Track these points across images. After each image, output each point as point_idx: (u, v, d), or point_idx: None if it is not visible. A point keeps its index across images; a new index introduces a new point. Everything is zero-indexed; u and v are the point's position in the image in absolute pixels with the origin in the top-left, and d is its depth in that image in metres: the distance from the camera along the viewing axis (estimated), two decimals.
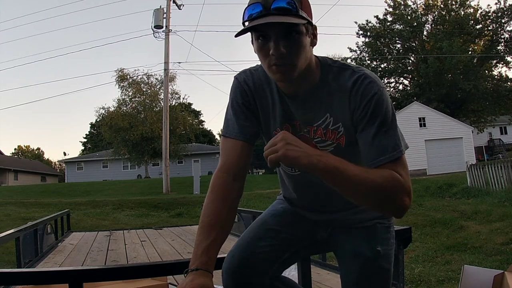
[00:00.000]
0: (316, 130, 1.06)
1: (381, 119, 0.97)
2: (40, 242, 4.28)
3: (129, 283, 2.02)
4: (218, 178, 1.05)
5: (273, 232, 1.19)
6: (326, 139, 1.06)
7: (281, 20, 0.91)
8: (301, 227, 1.23)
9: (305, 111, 1.06)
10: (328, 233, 1.24)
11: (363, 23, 28.73)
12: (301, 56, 0.96)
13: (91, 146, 43.76)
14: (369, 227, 1.17)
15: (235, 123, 1.09)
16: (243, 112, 1.10)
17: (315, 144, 1.07)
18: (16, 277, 1.36)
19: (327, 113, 1.04)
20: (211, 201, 1.03)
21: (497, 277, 1.53)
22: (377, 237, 1.16)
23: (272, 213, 1.27)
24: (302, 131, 1.08)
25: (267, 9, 0.93)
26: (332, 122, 1.04)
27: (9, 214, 10.32)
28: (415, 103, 23.11)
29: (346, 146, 1.06)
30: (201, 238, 0.97)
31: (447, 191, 10.85)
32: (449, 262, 4.96)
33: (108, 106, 26.56)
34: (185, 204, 12.11)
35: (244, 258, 1.13)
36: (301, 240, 1.23)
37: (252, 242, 1.17)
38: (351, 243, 1.17)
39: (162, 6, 17.81)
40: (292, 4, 0.93)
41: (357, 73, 1.01)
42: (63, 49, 74.30)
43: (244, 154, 1.08)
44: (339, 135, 1.05)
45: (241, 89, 1.11)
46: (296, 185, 1.21)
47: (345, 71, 1.03)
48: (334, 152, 1.04)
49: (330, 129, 1.05)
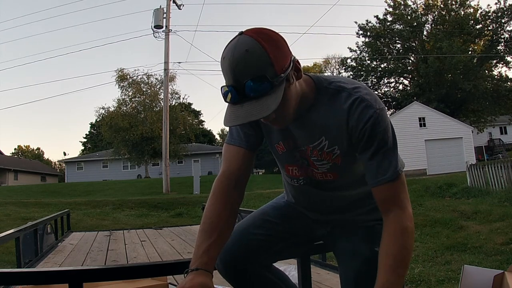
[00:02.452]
0: (312, 151, 1.08)
1: (379, 141, 0.99)
2: (40, 242, 4.28)
3: (129, 283, 2.02)
4: (220, 183, 1.07)
5: (269, 223, 1.24)
6: (323, 159, 1.08)
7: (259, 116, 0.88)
8: (300, 222, 1.26)
9: (301, 133, 1.08)
10: (327, 231, 1.25)
11: (363, 23, 28.77)
12: (291, 106, 0.96)
13: (91, 146, 43.77)
14: (369, 227, 1.17)
15: (240, 131, 1.10)
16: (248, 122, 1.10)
17: (312, 161, 1.10)
18: (16, 277, 1.36)
19: (322, 137, 1.05)
20: (212, 204, 1.05)
21: (497, 277, 1.53)
22: (376, 238, 1.16)
23: (273, 205, 1.31)
24: (301, 147, 1.11)
25: (241, 95, 0.89)
26: (327, 145, 1.06)
27: (9, 214, 10.32)
28: (415, 103, 23.10)
29: (342, 164, 1.08)
30: (201, 239, 0.98)
31: (447, 191, 10.85)
32: (449, 262, 4.96)
33: (108, 106, 26.63)
34: (185, 204, 12.11)
35: (236, 242, 1.16)
36: (297, 234, 1.26)
37: (247, 229, 1.21)
38: (351, 242, 1.18)
39: (162, 6, 17.84)
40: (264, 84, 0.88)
41: (353, 96, 1.00)
42: (63, 49, 74.43)
43: (246, 162, 1.10)
44: (335, 156, 1.07)
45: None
46: (298, 193, 1.24)
47: (341, 94, 1.01)
48: (331, 169, 1.09)
49: (326, 151, 1.07)
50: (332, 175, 1.11)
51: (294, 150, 1.12)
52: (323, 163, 1.09)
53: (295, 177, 1.17)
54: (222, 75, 0.92)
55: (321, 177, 1.13)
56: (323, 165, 1.09)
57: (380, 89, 30.73)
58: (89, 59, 70.44)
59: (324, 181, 1.13)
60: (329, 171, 1.10)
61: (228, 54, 0.89)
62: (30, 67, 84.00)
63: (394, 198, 0.99)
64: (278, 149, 1.14)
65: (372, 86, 30.42)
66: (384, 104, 1.03)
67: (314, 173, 1.13)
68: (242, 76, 0.87)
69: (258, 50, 0.87)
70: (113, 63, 79.93)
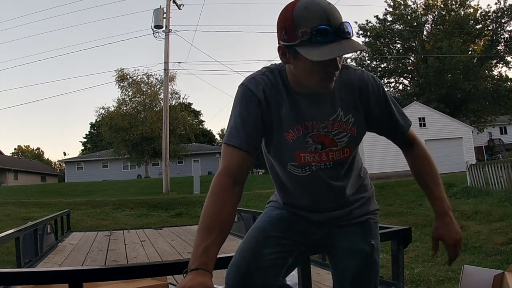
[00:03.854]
0: (333, 124, 1.14)
1: (391, 99, 1.19)
2: (40, 242, 4.28)
3: (129, 283, 2.02)
4: (218, 181, 1.06)
5: (274, 239, 1.19)
6: (342, 130, 1.15)
7: (359, 48, 1.03)
8: (299, 230, 1.24)
9: (320, 108, 1.13)
10: (324, 233, 1.25)
11: (363, 23, 28.74)
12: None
13: (91, 146, 43.79)
14: (363, 222, 1.24)
15: (241, 132, 1.08)
16: (252, 121, 1.09)
17: (332, 137, 1.14)
18: (16, 277, 1.36)
19: (339, 107, 1.14)
20: (211, 203, 1.03)
21: (497, 277, 1.53)
22: (371, 232, 1.25)
23: (268, 220, 1.26)
24: (314, 131, 1.13)
25: (339, 34, 0.99)
26: (343, 115, 1.14)
27: (9, 214, 10.32)
28: (415, 103, 23.09)
29: (357, 134, 1.16)
30: (200, 239, 0.97)
31: (447, 191, 10.81)
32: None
33: (108, 106, 26.66)
34: (185, 204, 12.12)
35: (251, 267, 1.12)
36: (302, 243, 1.24)
37: (256, 251, 1.16)
38: (348, 240, 1.22)
39: (162, 6, 17.85)
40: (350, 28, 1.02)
41: (358, 70, 1.18)
42: (63, 49, 74.38)
43: (246, 163, 1.09)
44: (351, 125, 1.15)
45: (252, 97, 1.10)
46: (303, 188, 1.21)
47: (347, 69, 1.16)
48: (349, 142, 1.16)
49: (343, 121, 1.15)
50: (349, 149, 1.17)
51: (307, 134, 1.13)
52: (343, 136, 1.15)
53: (307, 163, 1.15)
54: (305, 20, 0.99)
55: (338, 156, 1.16)
56: (343, 138, 1.15)
57: None
58: (89, 59, 70.52)
59: (339, 162, 1.17)
60: (347, 145, 1.16)
61: (316, 2, 1.00)
62: (30, 67, 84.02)
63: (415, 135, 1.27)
64: (288, 138, 1.13)
65: None
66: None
67: (328, 155, 1.15)
68: (338, 18, 1.00)
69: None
70: (113, 63, 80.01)
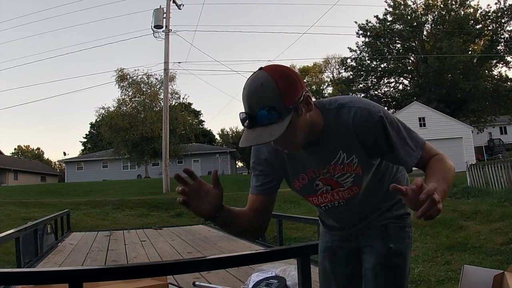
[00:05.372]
0: (335, 167, 1.18)
1: (394, 130, 1.12)
2: (40, 242, 4.28)
3: (129, 283, 2.03)
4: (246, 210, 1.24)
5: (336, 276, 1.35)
6: (346, 172, 1.18)
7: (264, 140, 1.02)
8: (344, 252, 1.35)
9: (319, 156, 1.17)
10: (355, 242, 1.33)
11: (363, 23, 28.78)
12: (301, 134, 1.08)
13: (91, 146, 43.78)
14: (382, 226, 1.26)
15: (256, 181, 1.26)
16: (262, 172, 1.25)
17: (337, 180, 1.19)
18: (16, 277, 1.36)
19: (340, 150, 1.16)
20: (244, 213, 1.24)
21: (497, 277, 1.53)
22: (389, 235, 1.25)
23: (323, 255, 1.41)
24: (320, 176, 1.20)
25: (254, 121, 1.02)
26: (346, 157, 1.16)
27: (9, 214, 10.33)
28: (415, 103, 23.12)
29: (363, 174, 1.18)
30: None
31: None
32: (449, 262, 4.96)
33: (108, 106, 26.59)
34: None
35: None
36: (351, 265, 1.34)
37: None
38: (368, 242, 1.28)
39: (162, 6, 17.81)
40: (272, 114, 1.01)
41: (354, 108, 1.12)
42: (63, 49, 74.48)
43: (268, 202, 1.26)
44: (355, 166, 1.17)
45: (257, 155, 1.26)
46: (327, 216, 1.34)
47: (342, 110, 1.13)
48: (355, 181, 1.19)
49: (346, 163, 1.17)
50: (357, 187, 1.20)
51: (315, 179, 1.21)
52: (346, 177, 1.18)
53: (321, 204, 1.27)
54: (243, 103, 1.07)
55: (348, 194, 1.22)
56: (347, 179, 1.19)
57: (380, 89, 30.76)
58: (89, 59, 70.42)
59: (351, 197, 1.22)
60: (354, 184, 1.20)
61: (246, 86, 1.04)
62: (30, 67, 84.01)
63: (432, 154, 1.16)
64: (296, 186, 1.25)
65: (372, 86, 30.44)
66: (379, 103, 1.11)
67: (339, 194, 1.22)
68: (256, 105, 1.02)
69: (271, 84, 1.01)
70: (113, 63, 79.86)
